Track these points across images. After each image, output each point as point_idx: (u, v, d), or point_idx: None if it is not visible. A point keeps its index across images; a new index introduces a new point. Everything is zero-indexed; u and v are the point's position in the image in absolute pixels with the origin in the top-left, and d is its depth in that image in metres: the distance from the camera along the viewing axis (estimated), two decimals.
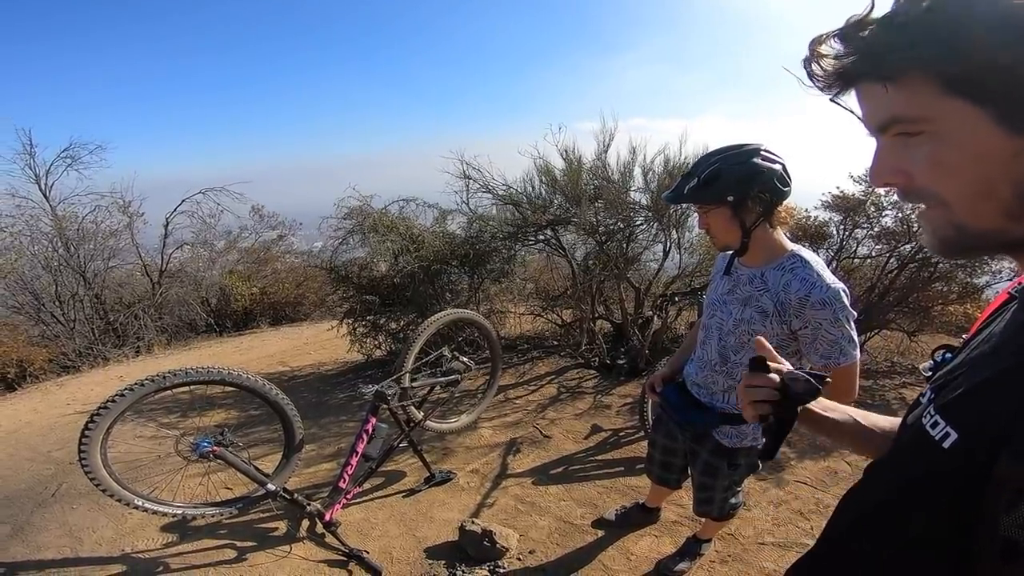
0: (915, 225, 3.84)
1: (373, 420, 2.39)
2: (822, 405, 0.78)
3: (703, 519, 2.08)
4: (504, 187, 4.64)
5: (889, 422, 0.78)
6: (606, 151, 4.45)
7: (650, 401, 2.63)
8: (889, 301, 4.30)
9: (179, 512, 2.26)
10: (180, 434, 2.20)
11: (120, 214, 8.31)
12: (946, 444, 0.51)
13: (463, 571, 2.19)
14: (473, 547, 2.26)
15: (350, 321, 4.85)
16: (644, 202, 4.36)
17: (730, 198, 1.39)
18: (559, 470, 2.97)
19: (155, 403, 3.75)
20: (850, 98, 0.54)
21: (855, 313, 1.37)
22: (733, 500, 1.87)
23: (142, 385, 2.00)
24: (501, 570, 2.18)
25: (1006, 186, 0.46)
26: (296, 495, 2.32)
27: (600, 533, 2.40)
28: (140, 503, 2.14)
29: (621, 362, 4.37)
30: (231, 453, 2.19)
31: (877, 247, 4.38)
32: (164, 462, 2.93)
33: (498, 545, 2.23)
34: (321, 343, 6.20)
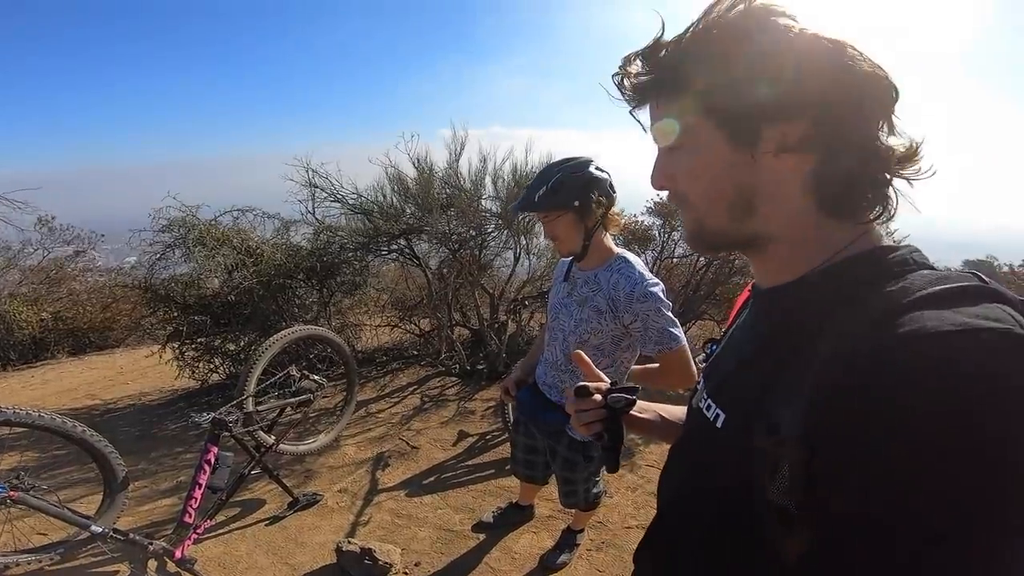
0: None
1: (214, 449, 2.18)
2: (638, 408, 0.87)
3: (573, 511, 2.21)
4: (355, 196, 4.49)
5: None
6: (457, 160, 4.54)
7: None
8: (701, 294, 5.02)
9: None
10: None
11: None
12: (719, 424, 0.59)
13: None
14: (355, 567, 2.16)
15: (175, 345, 4.29)
16: (495, 209, 4.53)
17: (576, 203, 1.52)
18: (431, 479, 2.96)
19: None
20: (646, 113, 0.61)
21: (671, 304, 1.58)
22: (595, 490, 2.00)
23: None
24: None
25: (730, 190, 0.55)
26: (132, 535, 2.07)
27: (481, 536, 2.44)
28: None
29: (481, 367, 4.48)
30: (34, 497, 1.95)
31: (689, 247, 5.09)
32: None
33: (380, 562, 2.16)
34: (141, 371, 5.39)
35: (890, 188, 0.53)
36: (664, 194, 0.63)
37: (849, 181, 0.51)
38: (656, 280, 1.57)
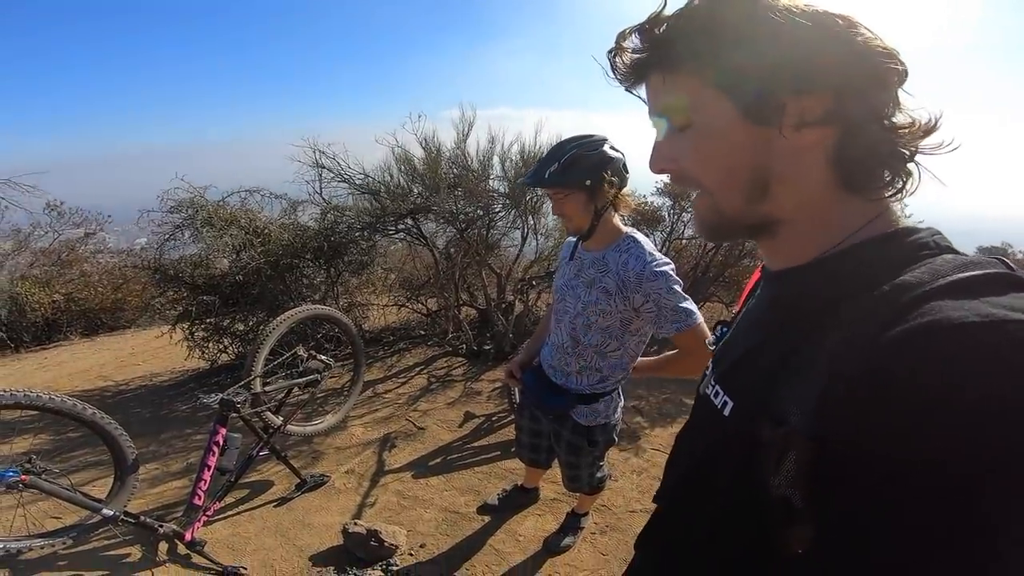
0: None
1: (223, 431, 2.19)
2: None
3: (577, 494, 2.20)
4: (362, 176, 4.46)
5: None
6: (465, 140, 4.49)
7: None
8: (710, 276, 4.97)
9: None
10: None
11: None
12: (726, 412, 0.57)
13: (355, 574, 2.11)
14: (361, 548, 2.18)
15: (185, 325, 4.33)
16: (502, 189, 4.49)
17: (588, 182, 1.47)
18: (437, 461, 2.97)
19: None
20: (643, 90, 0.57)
21: (682, 283, 1.54)
22: (599, 474, 1.99)
23: None
24: (394, 568, 2.14)
25: (746, 170, 0.51)
26: (143, 517, 2.11)
27: (486, 519, 2.44)
28: None
29: (488, 347, 4.49)
30: (47, 481, 1.96)
31: None
32: None
33: (386, 543, 2.18)
34: (152, 352, 5.47)
35: (911, 164, 0.50)
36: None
37: (870, 155, 0.49)
38: (666, 259, 1.53)
